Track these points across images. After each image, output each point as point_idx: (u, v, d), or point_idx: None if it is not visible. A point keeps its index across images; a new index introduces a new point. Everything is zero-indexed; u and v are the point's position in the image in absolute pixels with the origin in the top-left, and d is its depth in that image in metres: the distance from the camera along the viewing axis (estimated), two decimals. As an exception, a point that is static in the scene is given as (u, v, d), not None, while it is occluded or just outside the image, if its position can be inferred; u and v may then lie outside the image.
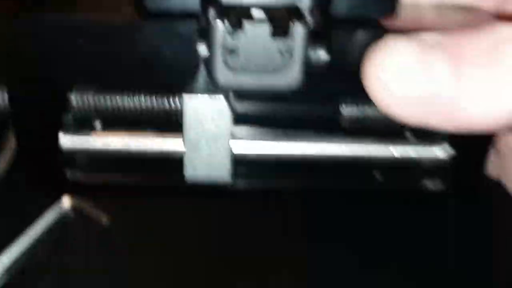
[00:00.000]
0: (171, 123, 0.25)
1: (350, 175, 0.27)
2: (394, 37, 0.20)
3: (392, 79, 0.20)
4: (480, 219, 0.27)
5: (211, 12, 0.23)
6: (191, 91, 0.24)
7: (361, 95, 0.25)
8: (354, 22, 0.23)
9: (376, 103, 0.21)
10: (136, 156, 0.26)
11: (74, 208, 0.31)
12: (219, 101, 0.24)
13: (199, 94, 0.24)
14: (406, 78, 0.20)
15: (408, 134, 0.27)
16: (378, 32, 0.23)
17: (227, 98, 0.24)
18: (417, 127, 0.25)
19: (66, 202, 0.31)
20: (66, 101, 0.25)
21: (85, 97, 0.25)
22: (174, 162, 0.26)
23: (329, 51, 0.23)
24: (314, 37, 0.23)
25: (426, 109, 0.21)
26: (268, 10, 0.23)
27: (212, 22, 0.22)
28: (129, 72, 0.24)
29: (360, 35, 0.23)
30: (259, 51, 0.23)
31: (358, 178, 0.27)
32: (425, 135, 0.26)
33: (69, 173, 0.26)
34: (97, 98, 0.25)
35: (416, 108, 0.21)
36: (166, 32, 0.23)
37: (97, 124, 0.27)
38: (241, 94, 0.25)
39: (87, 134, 0.26)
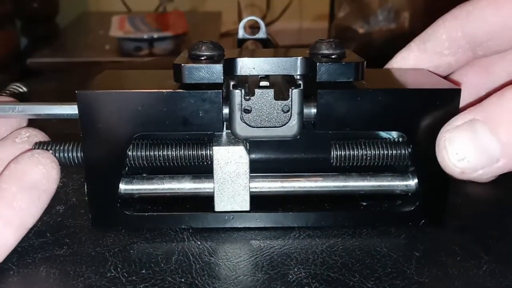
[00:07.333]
0: (204, 167, 0.33)
1: (341, 202, 0.34)
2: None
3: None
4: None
5: (231, 83, 0.31)
6: (218, 142, 0.32)
7: (346, 140, 0.33)
8: (333, 85, 0.31)
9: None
10: (176, 195, 0.34)
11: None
12: (239, 150, 0.32)
13: (224, 145, 0.32)
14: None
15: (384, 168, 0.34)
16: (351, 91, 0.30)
17: (245, 147, 0.32)
18: (390, 163, 0.32)
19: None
20: (125, 155, 0.32)
21: (138, 151, 0.33)
22: (206, 197, 0.33)
23: (316, 107, 0.31)
24: (306, 97, 0.31)
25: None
26: (271, 80, 0.32)
27: (231, 90, 0.31)
28: (173, 129, 0.31)
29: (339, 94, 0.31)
30: (267, 110, 0.31)
31: (347, 204, 0.34)
32: (397, 170, 0.34)
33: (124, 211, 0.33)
34: (148, 150, 0.33)
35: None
36: (200, 98, 0.31)
37: (146, 171, 0.34)
38: (255, 144, 0.33)
39: (140, 179, 0.33)
